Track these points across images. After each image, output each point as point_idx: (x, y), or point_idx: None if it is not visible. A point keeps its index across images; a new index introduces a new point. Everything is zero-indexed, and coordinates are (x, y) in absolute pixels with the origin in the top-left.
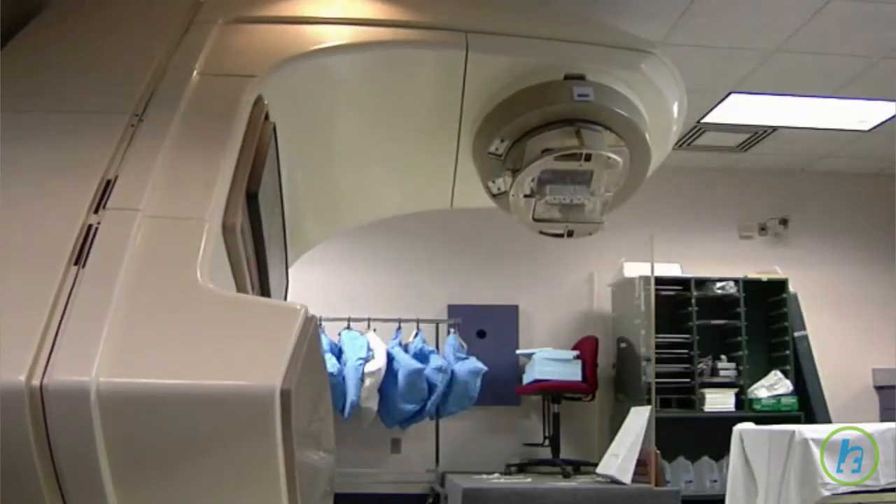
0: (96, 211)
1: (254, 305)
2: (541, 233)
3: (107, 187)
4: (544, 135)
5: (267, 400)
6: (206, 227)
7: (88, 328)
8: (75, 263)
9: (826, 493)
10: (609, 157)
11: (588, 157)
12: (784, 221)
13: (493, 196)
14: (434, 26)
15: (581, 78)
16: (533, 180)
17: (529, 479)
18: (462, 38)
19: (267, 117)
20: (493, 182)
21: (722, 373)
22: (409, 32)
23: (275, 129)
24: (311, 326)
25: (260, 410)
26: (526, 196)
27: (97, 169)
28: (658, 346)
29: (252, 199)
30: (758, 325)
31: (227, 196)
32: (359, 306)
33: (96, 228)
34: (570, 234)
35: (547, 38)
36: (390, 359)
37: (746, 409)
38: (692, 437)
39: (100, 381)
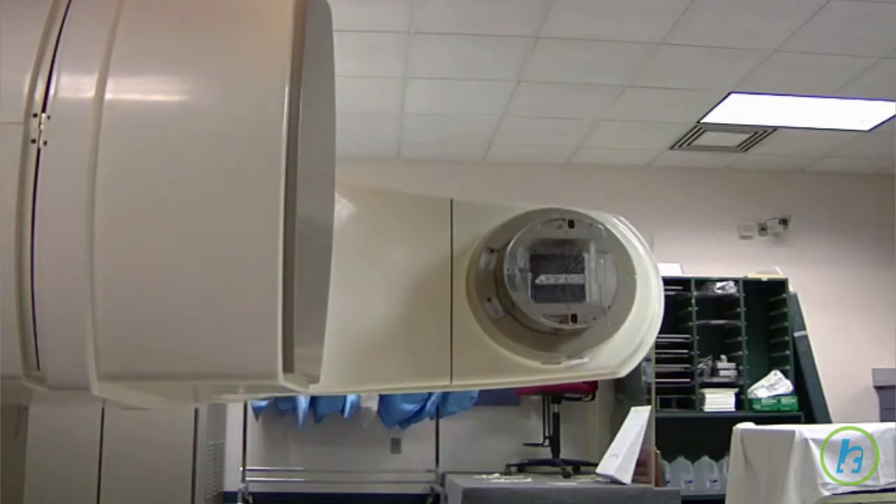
0: None
1: None
2: (543, 317)
3: None
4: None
5: None
6: None
7: None
8: None
9: (826, 493)
10: (591, 223)
11: (572, 224)
12: (784, 221)
13: (493, 321)
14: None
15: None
16: (525, 250)
17: (529, 479)
18: (447, 202)
19: None
20: (490, 302)
21: (722, 373)
22: (400, 193)
23: None
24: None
25: None
26: (521, 270)
27: None
28: (658, 346)
29: None
30: (758, 325)
31: None
32: None
33: None
34: (574, 318)
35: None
36: None
37: (746, 409)
38: (692, 437)
39: None
